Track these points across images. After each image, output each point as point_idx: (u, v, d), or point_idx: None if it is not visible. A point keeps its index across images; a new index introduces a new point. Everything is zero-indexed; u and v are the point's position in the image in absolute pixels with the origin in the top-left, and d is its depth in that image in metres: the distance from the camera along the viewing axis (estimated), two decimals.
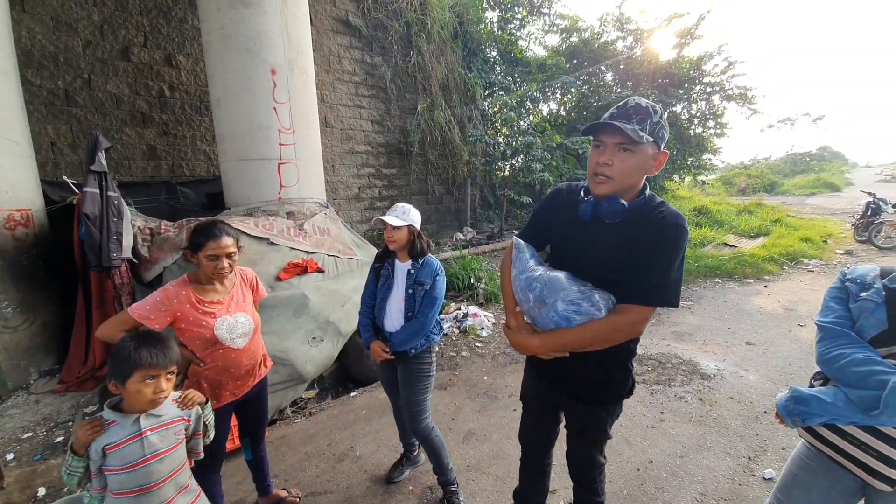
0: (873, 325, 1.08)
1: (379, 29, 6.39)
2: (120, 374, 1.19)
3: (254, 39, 3.46)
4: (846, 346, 1.08)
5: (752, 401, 2.93)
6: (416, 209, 1.98)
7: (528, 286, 1.23)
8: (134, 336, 1.26)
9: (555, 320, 1.18)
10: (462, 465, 2.39)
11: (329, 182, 5.92)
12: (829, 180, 21.44)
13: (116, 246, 2.79)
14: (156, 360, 1.21)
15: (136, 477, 1.21)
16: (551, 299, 1.17)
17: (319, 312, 3.09)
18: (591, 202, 1.23)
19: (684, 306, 5.04)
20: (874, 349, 1.05)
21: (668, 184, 11.05)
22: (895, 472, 0.98)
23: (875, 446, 1.00)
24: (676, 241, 1.14)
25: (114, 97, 4.22)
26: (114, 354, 1.21)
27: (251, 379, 1.77)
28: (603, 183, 1.19)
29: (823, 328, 1.16)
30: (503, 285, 1.40)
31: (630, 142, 1.13)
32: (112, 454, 1.18)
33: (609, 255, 1.19)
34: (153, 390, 1.22)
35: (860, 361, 1.02)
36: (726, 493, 2.12)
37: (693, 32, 9.27)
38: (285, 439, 2.69)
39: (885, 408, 0.95)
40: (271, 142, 3.63)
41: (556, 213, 1.36)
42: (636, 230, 1.17)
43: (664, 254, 1.13)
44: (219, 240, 1.58)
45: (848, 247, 7.96)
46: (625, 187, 1.20)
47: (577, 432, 1.44)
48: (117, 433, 1.20)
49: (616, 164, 1.16)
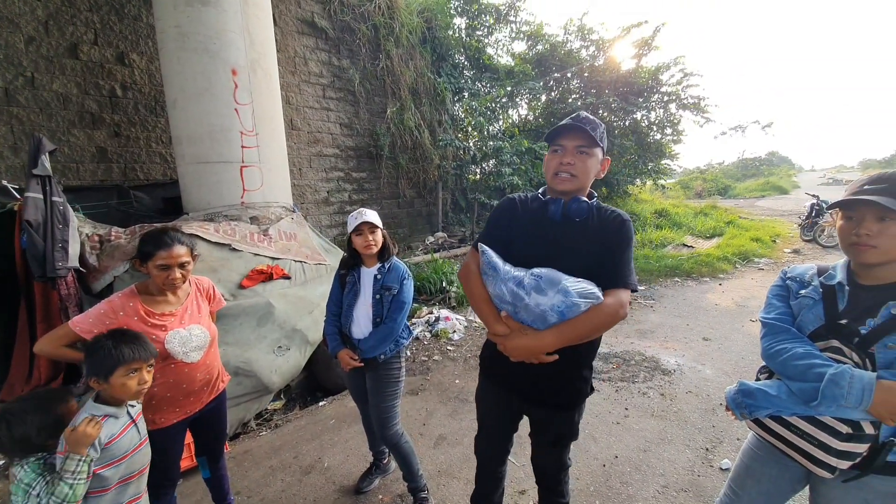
0: (812, 320, 1.15)
1: (346, 31, 6.33)
2: (102, 370, 1.24)
3: (213, 39, 3.34)
4: (787, 341, 1.13)
5: (709, 394, 3.08)
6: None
7: (518, 286, 1.21)
8: (109, 335, 1.30)
9: (559, 310, 1.16)
10: (433, 470, 2.37)
11: (296, 186, 5.78)
12: (777, 183, 22.94)
13: (62, 254, 2.60)
14: (137, 354, 1.28)
15: (132, 463, 1.30)
16: (552, 289, 1.16)
17: (286, 320, 3.00)
18: (559, 203, 1.31)
19: (647, 305, 5.24)
20: (813, 343, 1.11)
21: (631, 188, 11.50)
22: (834, 459, 1.03)
23: (815, 435, 1.05)
24: (631, 234, 1.30)
25: (60, 97, 3.96)
26: (93, 353, 1.26)
27: (206, 394, 1.69)
28: (567, 180, 1.30)
29: (767, 324, 1.22)
30: (476, 293, 1.34)
31: (588, 144, 1.27)
32: (114, 445, 1.24)
33: (584, 249, 1.28)
34: (137, 382, 1.29)
35: (800, 355, 1.08)
36: (686, 484, 2.21)
37: (650, 43, 9.73)
38: (249, 453, 2.59)
39: (823, 399, 1.00)
40: (233, 144, 3.51)
41: (516, 217, 1.40)
42: (599, 227, 1.30)
43: (627, 246, 1.28)
44: (170, 248, 1.50)
45: (795, 246, 8.54)
46: (583, 186, 1.33)
47: (553, 441, 1.46)
48: (114, 424, 1.27)
49: (577, 164, 1.28)
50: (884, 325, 1.02)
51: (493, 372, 1.49)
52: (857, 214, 1.07)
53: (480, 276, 1.33)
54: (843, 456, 1.02)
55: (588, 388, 1.42)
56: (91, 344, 1.29)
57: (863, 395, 0.96)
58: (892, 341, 1.00)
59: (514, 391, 1.43)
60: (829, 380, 0.99)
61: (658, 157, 10.86)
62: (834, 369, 1.01)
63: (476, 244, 1.39)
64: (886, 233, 1.02)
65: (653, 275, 6.50)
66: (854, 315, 1.08)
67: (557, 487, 1.52)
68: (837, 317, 1.10)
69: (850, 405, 0.98)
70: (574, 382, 1.37)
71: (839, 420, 1.01)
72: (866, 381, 0.97)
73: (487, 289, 1.31)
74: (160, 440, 1.48)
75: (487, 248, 1.33)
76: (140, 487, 1.34)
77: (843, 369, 1.00)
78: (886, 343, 1.01)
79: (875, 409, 0.96)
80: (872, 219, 1.04)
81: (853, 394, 0.97)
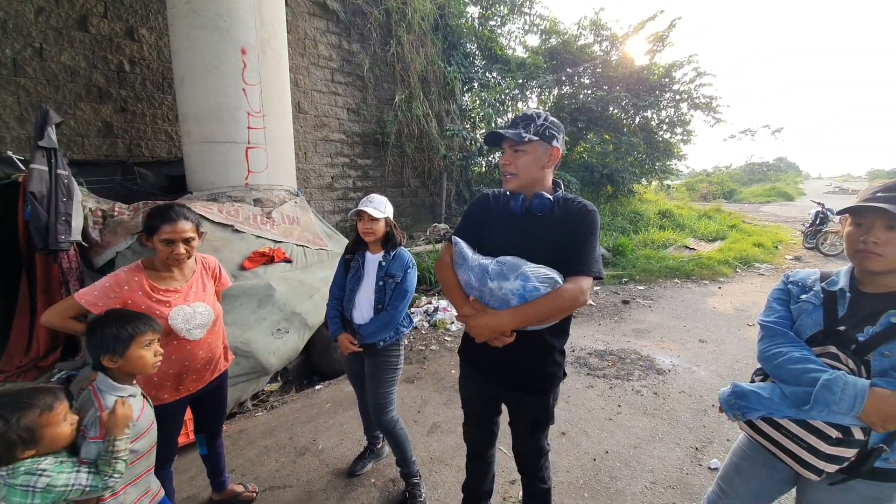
0: (810, 325, 1.15)
1: (358, 15, 6.24)
2: (119, 345, 1.23)
3: (223, 17, 3.31)
4: (784, 344, 1.14)
5: (702, 395, 3.10)
6: (388, 201, 1.97)
7: (483, 272, 1.29)
8: (114, 313, 1.29)
9: (519, 294, 1.24)
10: (426, 457, 2.41)
11: (301, 170, 5.76)
12: (783, 190, 22.81)
13: (65, 228, 2.61)
14: (151, 325, 1.30)
15: (152, 436, 1.34)
16: (513, 275, 1.24)
17: (285, 303, 3.02)
18: (520, 199, 1.38)
19: (645, 305, 5.26)
20: (810, 348, 1.11)
21: (636, 187, 11.43)
22: (821, 462, 1.04)
23: (805, 438, 1.06)
24: (595, 223, 1.35)
25: (68, 69, 3.93)
26: (102, 332, 1.23)
27: (209, 373, 1.71)
28: (509, 180, 1.39)
29: (765, 327, 1.22)
30: (446, 280, 1.46)
31: (516, 143, 1.34)
32: (140, 420, 1.27)
33: (546, 239, 1.34)
34: (153, 353, 1.30)
35: (796, 359, 1.08)
36: (674, 481, 2.24)
37: (665, 38, 9.58)
38: (244, 433, 2.63)
39: (815, 403, 1.01)
40: (239, 124, 3.49)
41: (487, 212, 1.49)
42: (563, 219, 1.36)
43: (591, 235, 1.33)
44: (175, 223, 1.50)
45: (797, 253, 8.51)
46: (529, 180, 1.38)
47: (529, 426, 1.51)
48: (135, 402, 1.28)
49: (514, 162, 1.36)
50: (882, 333, 1.02)
51: (470, 357, 1.58)
52: (867, 222, 1.06)
53: (453, 266, 1.43)
54: (831, 460, 1.03)
55: (561, 372, 1.47)
56: (98, 322, 1.26)
57: (855, 402, 0.97)
58: (888, 349, 1.01)
59: (490, 375, 1.51)
60: (823, 385, 1.00)
61: (666, 157, 10.77)
62: (828, 375, 1.01)
63: (451, 237, 1.49)
64: (894, 242, 1.02)
65: (653, 275, 6.50)
66: (853, 322, 1.08)
67: (538, 473, 1.58)
68: (836, 323, 1.11)
69: (841, 411, 0.99)
70: (546, 367, 1.43)
71: (830, 425, 1.02)
72: (859, 387, 0.97)
73: (458, 276, 1.41)
74: (161, 416, 1.50)
75: (459, 239, 1.43)
76: (152, 460, 1.36)
77: (837, 375, 1.00)
78: (883, 351, 1.01)
79: (866, 416, 0.97)
80: (882, 227, 1.03)
81: (846, 400, 0.98)
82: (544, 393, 1.46)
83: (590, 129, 9.74)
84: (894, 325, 1.02)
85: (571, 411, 2.88)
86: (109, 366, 1.24)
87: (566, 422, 2.74)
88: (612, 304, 5.29)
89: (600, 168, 9.90)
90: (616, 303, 5.34)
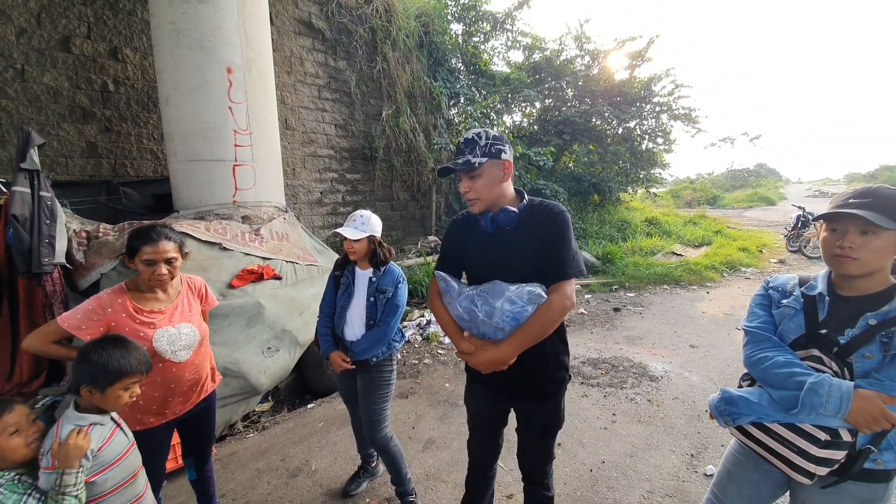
0: (793, 329, 1.18)
1: (343, 33, 6.33)
2: (105, 379, 1.18)
3: (208, 36, 3.33)
4: (769, 349, 1.16)
5: (695, 400, 3.12)
6: (376, 216, 1.96)
7: (471, 303, 1.32)
8: (112, 341, 1.25)
9: (509, 319, 1.26)
10: (421, 474, 2.37)
11: (289, 186, 5.75)
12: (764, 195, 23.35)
13: (48, 250, 2.56)
14: (143, 367, 1.26)
15: (127, 466, 1.27)
16: (499, 301, 1.26)
17: (275, 321, 2.98)
18: (487, 217, 1.40)
19: (636, 312, 5.30)
20: (794, 352, 1.13)
21: (623, 195, 11.63)
22: (812, 465, 1.05)
23: (795, 442, 1.07)
24: (566, 224, 1.35)
25: (51, 90, 3.90)
26: (93, 362, 1.18)
27: (195, 394, 1.67)
28: (474, 204, 1.40)
29: (749, 332, 1.24)
30: (440, 317, 1.47)
31: (467, 170, 1.34)
32: (105, 450, 1.21)
33: (522, 250, 1.35)
34: (130, 395, 1.25)
35: (781, 364, 1.10)
36: (671, 489, 2.23)
37: (644, 55, 9.89)
38: (235, 456, 2.56)
39: (802, 407, 1.03)
40: (226, 142, 3.49)
41: (462, 237, 1.51)
42: (534, 225, 1.36)
43: (564, 236, 1.33)
44: (156, 244, 1.49)
45: (781, 256, 8.70)
46: (492, 200, 1.39)
47: (541, 431, 1.51)
48: (101, 431, 1.22)
49: (472, 188, 1.37)
50: (862, 335, 1.05)
51: (477, 375, 1.56)
52: (841, 227, 1.09)
53: (442, 301, 1.45)
54: (822, 462, 1.04)
55: (567, 374, 1.49)
56: (91, 350, 1.21)
57: (841, 404, 0.99)
58: (868, 351, 1.03)
59: (498, 389, 1.51)
60: (809, 388, 1.02)
61: (650, 166, 11.01)
62: (814, 378, 1.03)
63: (434, 272, 1.50)
64: (868, 246, 1.05)
65: (642, 282, 6.58)
66: (834, 325, 1.11)
67: (543, 480, 1.58)
68: (818, 326, 1.13)
69: (828, 413, 1.00)
70: (554, 373, 1.45)
71: (818, 427, 1.04)
72: (844, 390, 0.99)
73: (450, 311, 1.42)
74: (147, 441, 1.46)
75: (441, 272, 1.46)
76: (137, 489, 1.31)
77: (822, 378, 1.02)
78: (864, 353, 1.04)
79: (852, 418, 0.99)
80: (856, 232, 1.06)
81: (832, 402, 0.99)
82: (555, 397, 1.47)
83: (575, 139, 9.92)
84: (872, 328, 1.04)
85: (567, 421, 2.80)
86: (85, 396, 1.20)
87: (562, 432, 2.68)
88: (603, 312, 5.32)
89: (587, 178, 10.06)
90: (607, 310, 5.38)
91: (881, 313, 1.05)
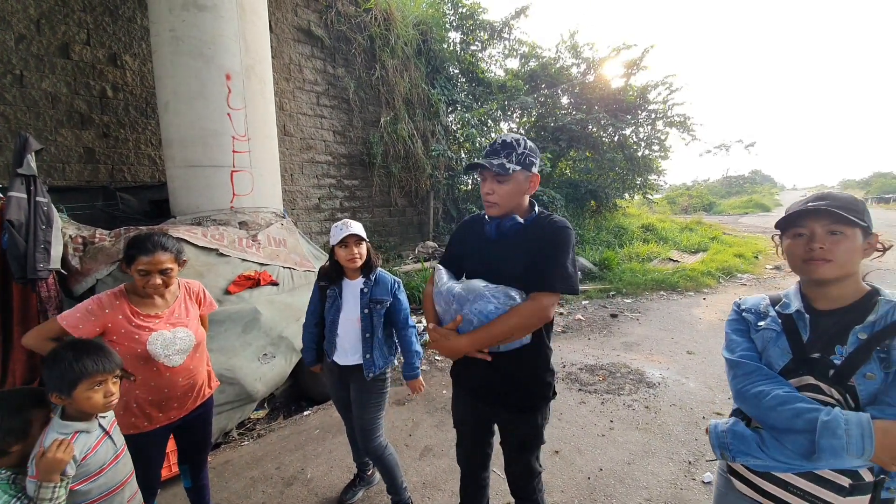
0: (779, 355, 1.06)
1: (342, 41, 6.38)
2: (64, 384, 1.17)
3: (208, 44, 3.35)
4: (762, 382, 1.02)
5: (692, 407, 3.12)
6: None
7: (448, 295, 1.37)
8: (69, 346, 1.23)
9: (478, 317, 1.29)
10: (418, 482, 2.35)
11: (287, 192, 5.76)
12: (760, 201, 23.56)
13: (44, 256, 2.55)
14: (101, 366, 1.21)
15: (114, 474, 1.26)
16: (471, 297, 1.30)
17: (272, 327, 2.97)
18: (493, 223, 1.43)
19: (633, 318, 5.31)
20: (790, 383, 1.01)
21: (620, 202, 11.70)
22: None
23: (817, 494, 0.95)
24: (566, 240, 1.35)
25: (49, 96, 3.91)
26: (51, 367, 1.18)
27: (191, 400, 1.66)
28: (491, 207, 1.41)
29: (735, 364, 1.10)
30: (425, 305, 1.53)
31: (500, 173, 1.34)
32: (90, 460, 1.20)
33: (517, 260, 1.36)
34: (103, 395, 1.22)
35: (782, 399, 0.96)
36: (669, 497, 2.22)
37: (639, 63, 10.01)
38: (230, 464, 2.53)
39: (821, 452, 0.88)
40: (224, 148, 3.49)
41: (467, 238, 1.55)
42: (535, 238, 1.37)
43: (559, 251, 1.33)
44: (152, 255, 1.49)
45: (776, 262, 8.74)
46: (510, 208, 1.41)
47: (518, 445, 1.49)
48: (86, 439, 1.21)
49: (496, 191, 1.38)
50: (856, 353, 0.95)
51: (459, 377, 1.59)
52: (807, 230, 1.02)
53: (433, 295, 1.50)
54: None
55: (550, 391, 1.46)
56: (50, 357, 1.20)
57: (864, 443, 0.85)
58: (869, 370, 0.92)
59: (479, 395, 1.52)
60: (823, 428, 0.87)
61: (646, 172, 11.09)
62: (825, 415, 0.89)
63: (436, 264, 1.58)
64: (839, 247, 0.98)
65: (639, 288, 6.59)
66: (821, 345, 1.00)
67: (531, 496, 1.54)
68: (804, 349, 1.02)
69: (853, 455, 0.86)
70: (531, 387, 1.43)
71: (838, 472, 0.92)
72: (865, 426, 0.86)
73: (436, 304, 1.46)
74: (141, 445, 1.45)
75: (440, 265, 1.51)
76: (124, 498, 1.29)
77: (834, 414, 0.89)
78: (864, 373, 0.92)
79: (878, 457, 0.85)
80: (823, 232, 0.99)
81: (853, 443, 0.85)
82: (532, 412, 1.44)
83: (571, 146, 10.00)
84: (865, 343, 0.94)
85: (564, 428, 2.86)
86: (57, 403, 1.20)
87: (559, 439, 2.71)
88: (600, 318, 5.32)
89: (584, 184, 10.12)
90: (604, 316, 5.39)
91: (868, 325, 0.96)
